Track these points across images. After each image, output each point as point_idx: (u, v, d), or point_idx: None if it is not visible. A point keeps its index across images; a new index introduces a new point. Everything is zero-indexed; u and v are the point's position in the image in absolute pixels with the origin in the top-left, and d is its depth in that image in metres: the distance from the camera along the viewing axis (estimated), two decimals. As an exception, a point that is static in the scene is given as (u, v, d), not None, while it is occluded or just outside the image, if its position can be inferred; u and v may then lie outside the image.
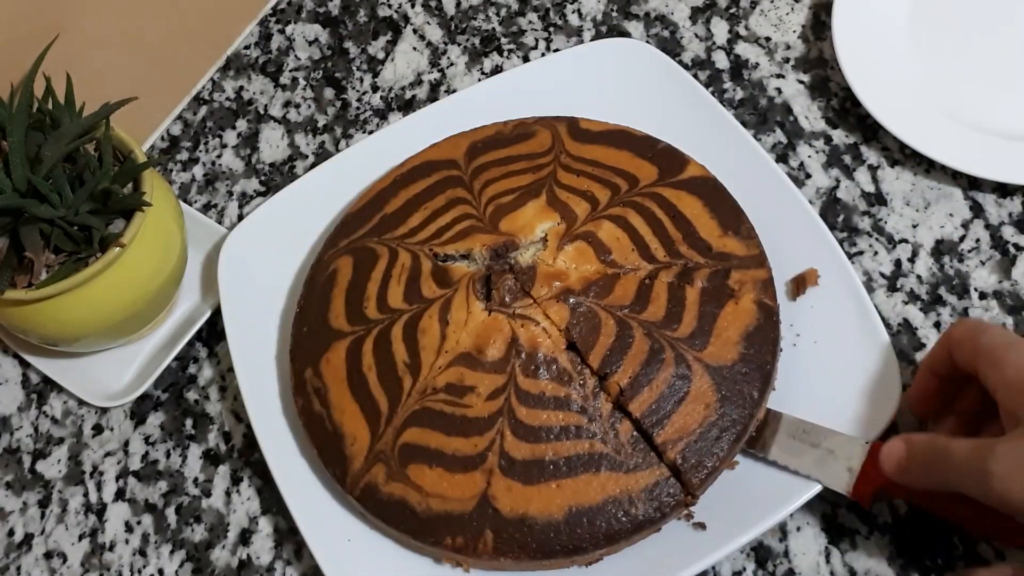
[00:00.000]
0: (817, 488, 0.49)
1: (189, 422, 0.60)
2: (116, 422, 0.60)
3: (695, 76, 0.64)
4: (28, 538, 0.58)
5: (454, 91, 0.69)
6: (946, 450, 0.42)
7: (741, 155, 0.58)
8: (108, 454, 0.60)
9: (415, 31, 0.73)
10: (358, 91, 0.71)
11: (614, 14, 0.71)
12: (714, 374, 0.49)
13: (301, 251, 0.61)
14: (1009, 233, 0.58)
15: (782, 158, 0.63)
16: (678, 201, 0.55)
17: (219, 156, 0.70)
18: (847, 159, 0.62)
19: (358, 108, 0.70)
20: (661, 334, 0.50)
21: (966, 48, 0.64)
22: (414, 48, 0.73)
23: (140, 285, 0.54)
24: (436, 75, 0.71)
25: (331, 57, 0.73)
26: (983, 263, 0.57)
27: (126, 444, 0.60)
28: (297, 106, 0.71)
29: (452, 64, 0.71)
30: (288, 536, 0.55)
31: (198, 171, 0.69)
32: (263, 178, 0.68)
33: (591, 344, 0.49)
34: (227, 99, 0.72)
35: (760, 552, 0.51)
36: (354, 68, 0.72)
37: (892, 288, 0.57)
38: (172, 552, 0.56)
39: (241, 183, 0.68)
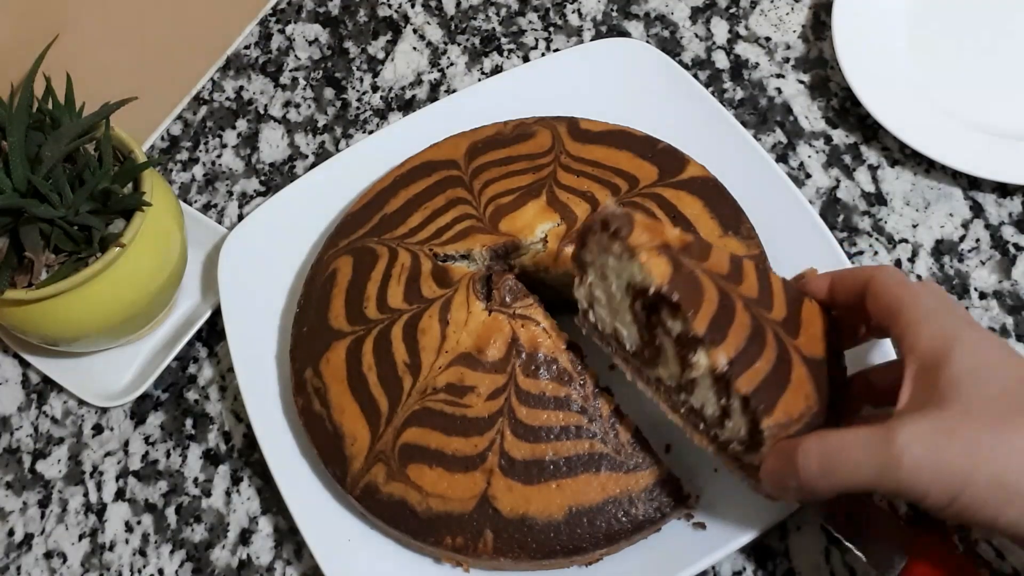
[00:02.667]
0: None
1: (189, 422, 0.60)
2: (116, 422, 0.60)
3: (695, 76, 0.64)
4: (28, 538, 0.58)
5: (454, 91, 0.69)
6: (839, 447, 0.37)
7: (741, 155, 0.58)
8: (108, 454, 0.60)
9: (415, 31, 0.73)
10: (358, 91, 0.71)
11: (614, 14, 0.71)
12: (808, 365, 0.43)
13: (301, 251, 0.61)
14: (1009, 233, 0.58)
15: (782, 158, 0.63)
16: (678, 201, 0.55)
17: (219, 156, 0.70)
18: (847, 159, 0.62)
19: (358, 108, 0.70)
20: (758, 312, 0.43)
21: (966, 48, 0.64)
22: (414, 48, 0.73)
23: (140, 285, 0.54)
24: (436, 75, 0.71)
25: (331, 57, 0.73)
26: (983, 263, 0.57)
27: (126, 444, 0.60)
28: (297, 106, 0.71)
29: (452, 64, 0.71)
30: (288, 536, 0.55)
31: (198, 171, 0.69)
32: (263, 178, 0.68)
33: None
34: (227, 99, 0.72)
35: (760, 552, 0.51)
36: (354, 68, 0.72)
37: (892, 288, 0.57)
38: (172, 552, 0.56)
39: (241, 183, 0.68)
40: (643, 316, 0.43)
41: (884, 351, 0.50)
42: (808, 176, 0.62)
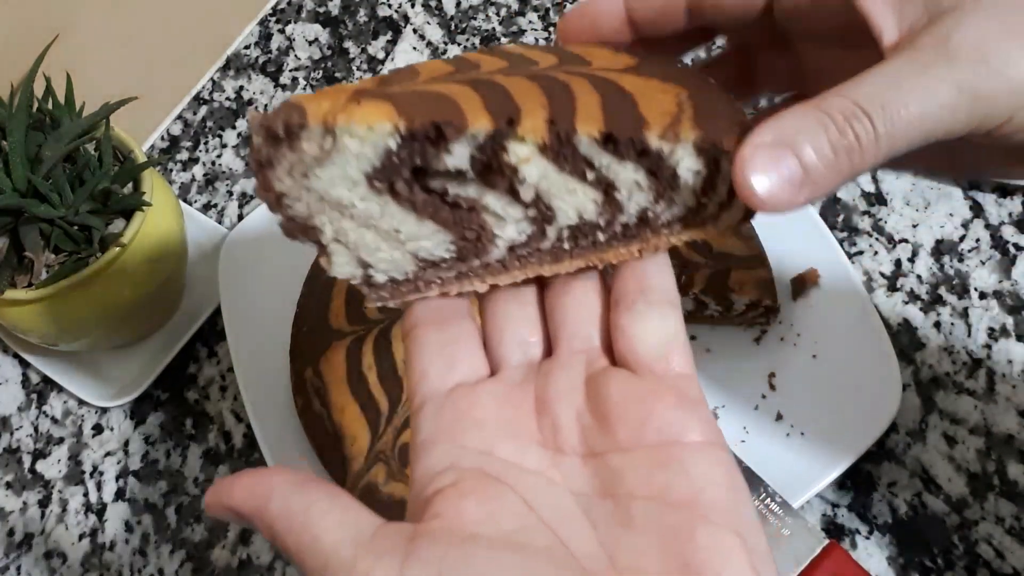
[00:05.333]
0: (817, 488, 0.49)
1: (189, 422, 0.60)
2: (116, 422, 0.60)
3: (695, 76, 0.64)
4: (28, 538, 0.58)
5: (454, 91, 0.69)
6: (892, 85, 0.26)
7: (741, 155, 0.58)
8: (108, 454, 0.60)
9: (415, 31, 0.73)
10: (358, 91, 0.71)
11: (614, 14, 0.71)
12: (639, 75, 0.31)
13: (301, 251, 0.61)
14: (1009, 233, 0.58)
15: (782, 158, 0.63)
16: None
17: (219, 156, 0.70)
18: (847, 159, 0.62)
19: (358, 108, 0.70)
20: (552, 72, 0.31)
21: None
22: (414, 48, 0.72)
23: (140, 285, 0.54)
24: (436, 75, 0.71)
25: (331, 57, 0.73)
26: (983, 263, 0.57)
27: (126, 444, 0.60)
28: (297, 106, 0.71)
29: (452, 64, 0.71)
30: (288, 536, 0.55)
31: (198, 171, 0.69)
32: (263, 178, 0.68)
33: None
34: (227, 99, 0.72)
35: (760, 552, 0.51)
36: (354, 68, 0.72)
37: (892, 288, 0.57)
38: (172, 552, 0.56)
39: (241, 183, 0.68)
40: (416, 190, 0.29)
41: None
42: (808, 176, 0.62)
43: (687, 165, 0.29)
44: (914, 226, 0.59)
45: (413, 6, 0.74)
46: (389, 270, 0.30)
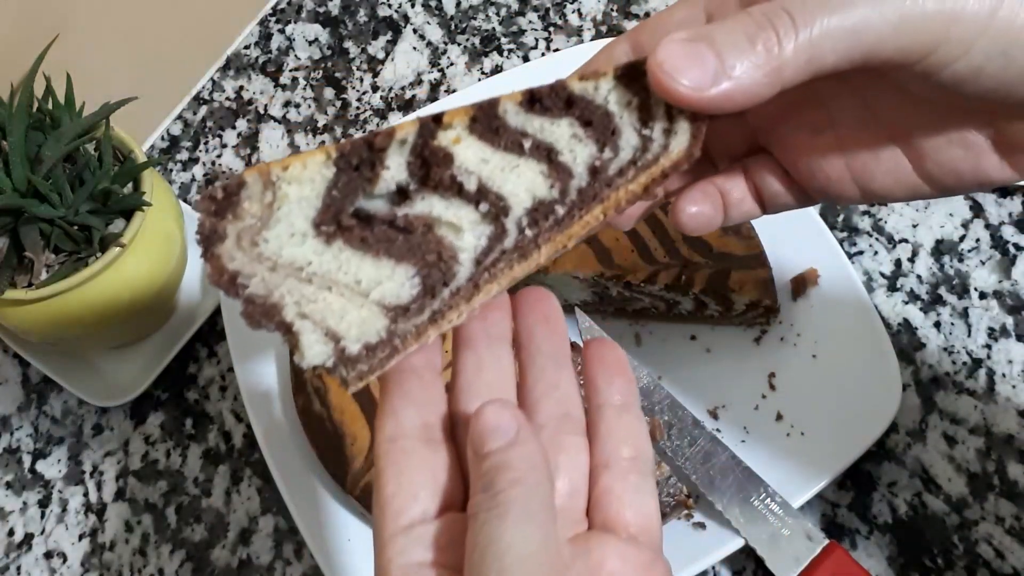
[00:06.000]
0: (817, 488, 0.49)
1: (189, 422, 0.60)
2: (116, 422, 0.60)
3: (695, 76, 0.64)
4: (28, 538, 0.58)
5: (454, 91, 0.69)
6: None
7: (741, 155, 0.58)
8: (108, 454, 0.60)
9: (415, 31, 0.73)
10: (358, 91, 0.71)
11: (614, 14, 0.71)
12: None
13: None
14: (1009, 233, 0.58)
15: (782, 158, 0.63)
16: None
17: (219, 156, 0.70)
18: (847, 159, 0.62)
19: (358, 108, 0.70)
20: None
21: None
22: (414, 48, 0.72)
23: (140, 285, 0.54)
24: (436, 75, 0.71)
25: (331, 57, 0.73)
26: (983, 263, 0.57)
27: (126, 444, 0.60)
28: (297, 106, 0.71)
29: (452, 64, 0.71)
30: (288, 536, 0.55)
31: (198, 171, 0.69)
32: (263, 178, 0.68)
33: None
34: (227, 99, 0.72)
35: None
36: (354, 68, 0.72)
37: (892, 288, 0.57)
38: (172, 552, 0.56)
39: (241, 183, 0.68)
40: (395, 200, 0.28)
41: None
42: (808, 176, 0.62)
43: (616, 98, 0.28)
44: (914, 226, 0.59)
45: (413, 6, 0.74)
46: (361, 335, 0.29)
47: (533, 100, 0.28)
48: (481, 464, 0.27)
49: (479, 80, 0.69)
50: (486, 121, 0.27)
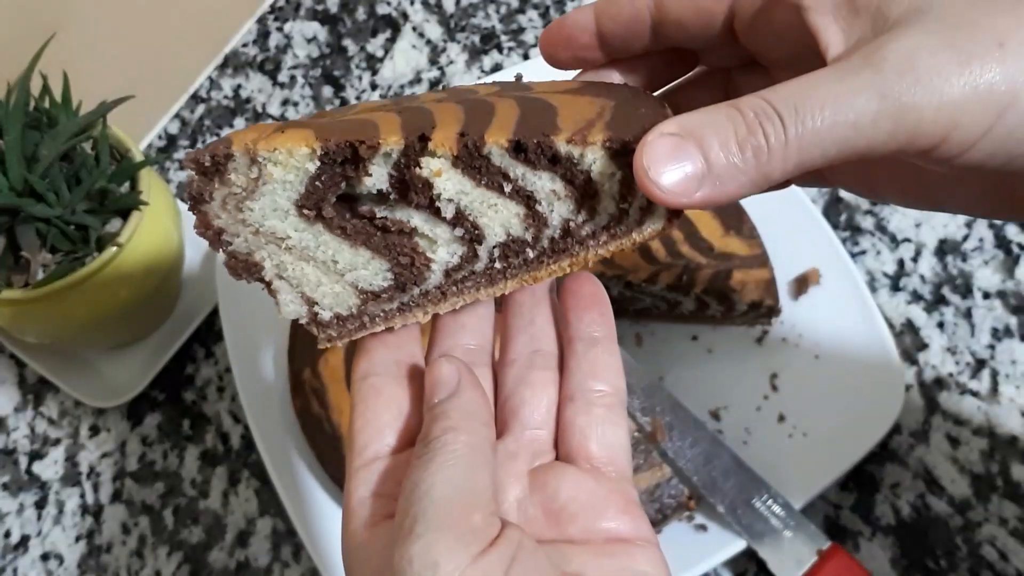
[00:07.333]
0: (820, 490, 0.48)
1: (187, 423, 0.59)
2: (113, 423, 0.60)
3: (696, 74, 0.63)
4: (25, 540, 0.57)
5: (454, 89, 0.69)
6: (808, 91, 0.25)
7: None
8: (105, 455, 0.59)
9: (414, 29, 0.73)
10: (357, 89, 0.71)
11: (614, 12, 0.71)
12: (572, 93, 0.32)
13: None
14: (1012, 233, 0.58)
15: (784, 157, 0.62)
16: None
17: (217, 155, 0.69)
18: (849, 158, 0.62)
19: (357, 106, 0.70)
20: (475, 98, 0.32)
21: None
22: (413, 46, 0.72)
23: (137, 285, 0.54)
24: (435, 73, 0.70)
25: (330, 55, 0.73)
26: (986, 263, 0.57)
27: (123, 445, 0.59)
28: (295, 104, 0.71)
29: (452, 62, 0.71)
30: (286, 538, 0.55)
31: (196, 170, 0.69)
32: (261, 177, 0.68)
33: None
34: (225, 97, 0.72)
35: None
36: (353, 66, 0.72)
37: (895, 288, 0.57)
38: (169, 554, 0.56)
39: (239, 182, 0.68)
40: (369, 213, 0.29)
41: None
42: (810, 175, 0.62)
43: (599, 168, 0.28)
44: (917, 225, 0.59)
45: (412, 4, 0.74)
46: (333, 305, 0.30)
47: (519, 148, 0.28)
48: (428, 415, 0.29)
49: (479, 78, 0.69)
50: (470, 159, 0.28)
